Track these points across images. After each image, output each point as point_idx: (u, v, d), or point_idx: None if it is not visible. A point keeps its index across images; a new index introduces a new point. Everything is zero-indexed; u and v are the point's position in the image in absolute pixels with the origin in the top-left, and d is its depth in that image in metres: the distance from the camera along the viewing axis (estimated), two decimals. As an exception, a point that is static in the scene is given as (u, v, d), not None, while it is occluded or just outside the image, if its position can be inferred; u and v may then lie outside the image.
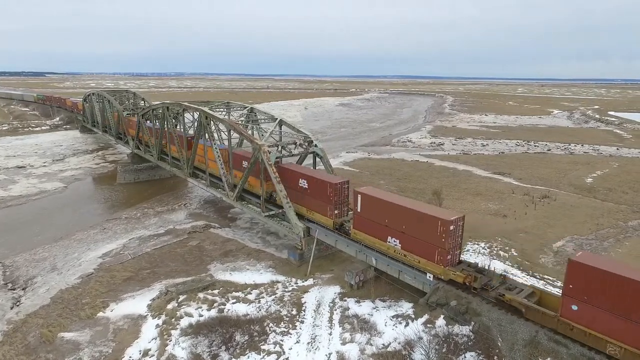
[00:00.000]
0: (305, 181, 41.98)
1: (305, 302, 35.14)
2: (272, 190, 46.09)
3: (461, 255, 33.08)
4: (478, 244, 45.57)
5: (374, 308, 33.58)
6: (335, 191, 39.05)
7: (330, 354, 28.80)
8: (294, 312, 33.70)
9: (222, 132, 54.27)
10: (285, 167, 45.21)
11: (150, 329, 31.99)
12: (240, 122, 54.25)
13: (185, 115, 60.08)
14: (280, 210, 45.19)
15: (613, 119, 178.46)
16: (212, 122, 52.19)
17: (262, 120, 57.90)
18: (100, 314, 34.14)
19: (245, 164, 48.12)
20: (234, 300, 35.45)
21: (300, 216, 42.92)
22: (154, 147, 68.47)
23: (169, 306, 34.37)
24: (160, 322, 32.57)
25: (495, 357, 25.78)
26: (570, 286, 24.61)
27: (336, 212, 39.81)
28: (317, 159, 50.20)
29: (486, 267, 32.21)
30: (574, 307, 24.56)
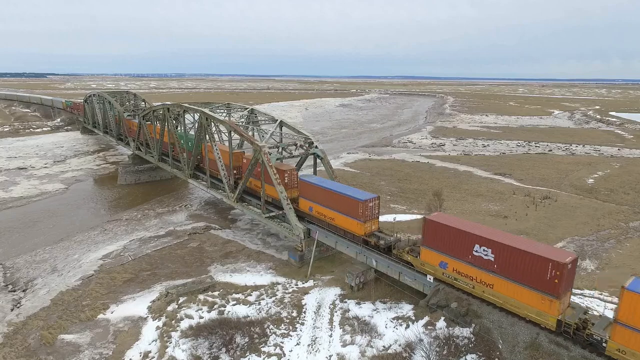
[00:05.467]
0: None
1: (305, 304, 35.11)
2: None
3: None
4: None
5: (375, 310, 33.54)
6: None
7: (330, 356, 28.78)
8: (295, 314, 33.68)
9: (222, 134, 54.18)
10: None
11: (150, 330, 32.00)
12: (240, 123, 54.24)
13: (185, 116, 60.16)
14: (281, 212, 45.16)
15: (614, 120, 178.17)
16: (212, 123, 52.19)
17: (263, 122, 57.90)
18: (101, 315, 34.15)
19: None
20: (234, 302, 35.46)
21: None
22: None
23: (169, 308, 34.37)
24: (160, 324, 32.56)
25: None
26: None
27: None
28: (318, 161, 50.24)
29: None
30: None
